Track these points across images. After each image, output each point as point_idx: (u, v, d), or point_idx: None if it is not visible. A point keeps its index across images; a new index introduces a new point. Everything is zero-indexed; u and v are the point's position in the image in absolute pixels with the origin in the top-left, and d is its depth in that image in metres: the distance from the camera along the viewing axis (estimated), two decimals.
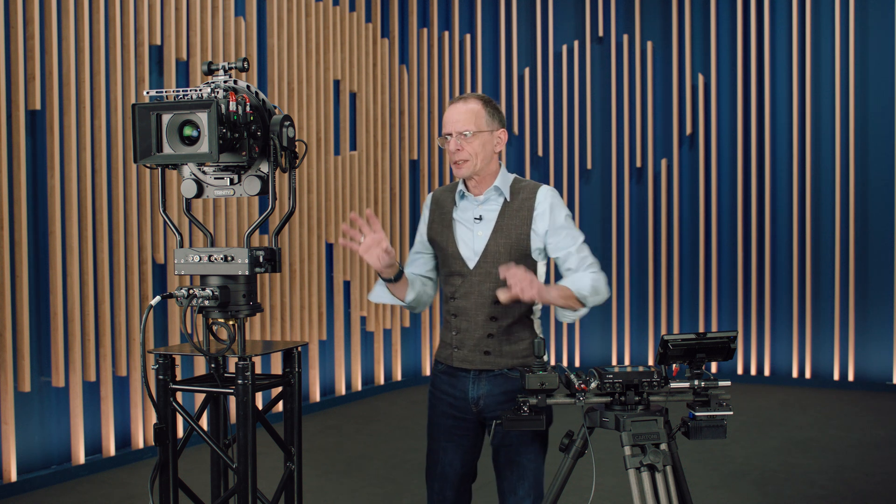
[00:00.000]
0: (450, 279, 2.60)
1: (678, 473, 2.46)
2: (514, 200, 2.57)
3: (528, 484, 2.60)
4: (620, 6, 8.34)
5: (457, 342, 2.58)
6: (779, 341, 7.72)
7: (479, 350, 2.55)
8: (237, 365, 2.39)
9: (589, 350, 8.39)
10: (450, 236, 2.59)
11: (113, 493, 4.60)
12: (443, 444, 2.64)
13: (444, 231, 2.61)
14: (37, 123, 4.80)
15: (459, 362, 2.58)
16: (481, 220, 2.57)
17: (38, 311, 4.81)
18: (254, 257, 2.39)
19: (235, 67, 2.39)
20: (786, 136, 7.68)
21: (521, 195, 2.58)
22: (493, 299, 2.52)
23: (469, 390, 2.59)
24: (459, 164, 2.54)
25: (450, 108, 2.59)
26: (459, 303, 2.57)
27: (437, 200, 2.68)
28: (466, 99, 2.59)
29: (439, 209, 2.65)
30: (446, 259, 2.60)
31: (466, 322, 2.56)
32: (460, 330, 2.58)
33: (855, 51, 7.37)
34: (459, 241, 2.58)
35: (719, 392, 2.46)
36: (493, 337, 2.55)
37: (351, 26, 7.00)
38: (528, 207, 2.56)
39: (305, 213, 6.50)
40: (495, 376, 2.57)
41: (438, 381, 2.66)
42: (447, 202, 2.65)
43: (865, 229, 7.37)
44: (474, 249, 2.56)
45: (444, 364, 2.64)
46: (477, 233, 2.57)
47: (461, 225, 2.60)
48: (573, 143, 8.37)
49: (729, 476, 4.75)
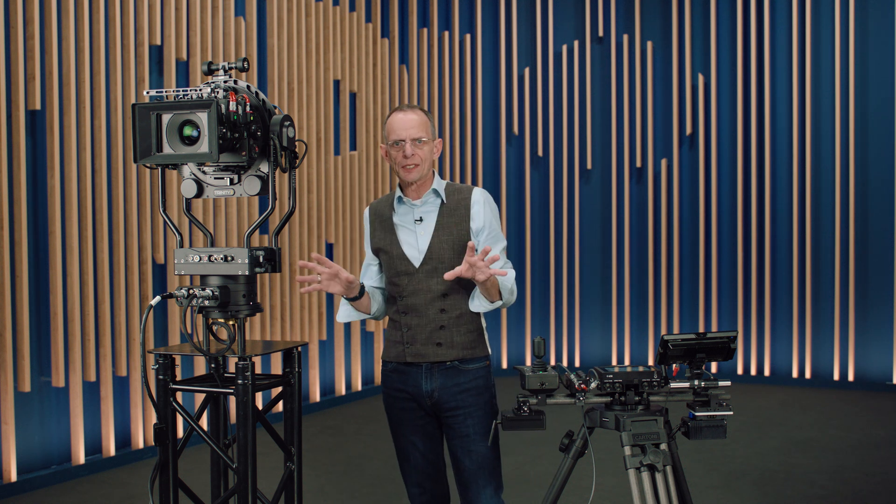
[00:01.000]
0: (396, 280, 2.70)
1: (678, 473, 2.46)
2: (450, 201, 2.71)
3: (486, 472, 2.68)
4: (620, 6, 8.34)
5: (408, 338, 2.68)
6: (779, 341, 7.72)
7: (431, 342, 2.65)
8: (237, 365, 2.39)
9: (589, 350, 8.39)
10: (393, 240, 2.72)
11: (113, 493, 4.60)
12: (409, 437, 2.73)
13: (386, 236, 2.73)
14: (37, 123, 4.80)
15: (412, 357, 2.67)
16: (422, 222, 2.71)
17: (38, 311, 4.81)
18: (254, 257, 2.39)
19: (235, 67, 2.39)
20: (786, 136, 7.68)
21: (456, 196, 2.73)
22: (440, 293, 2.65)
23: (422, 384, 2.67)
24: (410, 169, 2.66)
25: (399, 117, 2.68)
26: (408, 300, 2.67)
27: (375, 211, 2.81)
28: (414, 109, 2.70)
29: (379, 218, 2.78)
30: (392, 262, 2.71)
31: (417, 318, 2.66)
32: (411, 326, 2.67)
33: (855, 51, 7.37)
34: (403, 242, 2.71)
35: (719, 392, 2.46)
36: (444, 328, 2.65)
37: (351, 26, 7.00)
38: (465, 206, 2.70)
39: (305, 213, 6.50)
40: (447, 369, 2.66)
41: (390, 381, 2.76)
42: (385, 210, 2.77)
43: (865, 229, 7.37)
44: (418, 248, 2.68)
45: (394, 362, 2.73)
46: (419, 233, 2.70)
47: (403, 228, 2.72)
48: (573, 143, 8.37)
49: (729, 476, 4.75)
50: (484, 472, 2.67)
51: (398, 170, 2.68)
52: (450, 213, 2.69)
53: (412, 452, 2.74)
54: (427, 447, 2.73)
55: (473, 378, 2.66)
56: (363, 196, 7.11)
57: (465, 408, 2.64)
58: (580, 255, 8.37)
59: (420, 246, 2.68)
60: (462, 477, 2.69)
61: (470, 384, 2.66)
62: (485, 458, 2.67)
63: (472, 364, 2.67)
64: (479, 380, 2.67)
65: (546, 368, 2.40)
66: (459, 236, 2.67)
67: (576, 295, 8.35)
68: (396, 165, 2.68)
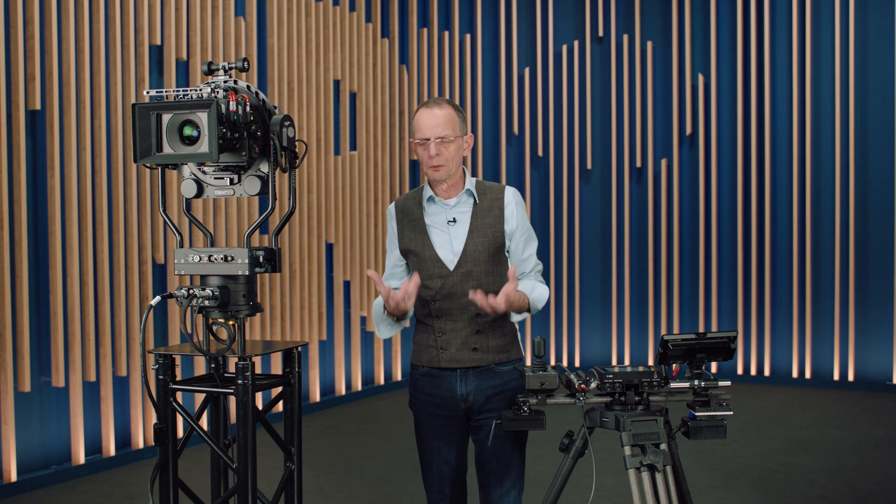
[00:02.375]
0: (428, 282, 2.61)
1: (678, 473, 2.46)
2: (483, 201, 2.64)
3: (513, 475, 2.65)
4: (620, 6, 8.34)
5: (442, 343, 2.61)
6: (779, 341, 7.71)
7: (467, 348, 2.59)
8: (237, 365, 2.39)
9: (589, 350, 8.39)
10: (426, 241, 2.63)
11: (113, 493, 4.60)
12: (435, 444, 2.67)
13: (418, 237, 2.64)
14: (37, 123, 4.80)
15: (447, 362, 2.61)
16: (455, 223, 2.63)
17: (38, 311, 4.81)
18: (254, 257, 2.39)
19: (235, 67, 2.39)
20: (786, 136, 7.68)
21: (489, 196, 2.66)
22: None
23: (457, 388, 2.62)
24: (438, 168, 2.57)
25: (425, 113, 2.59)
26: (442, 304, 2.60)
27: (402, 210, 2.71)
28: (440, 104, 2.60)
29: (407, 217, 2.68)
30: (423, 263, 2.62)
31: (452, 322, 2.60)
32: (445, 331, 2.61)
33: (855, 51, 7.36)
34: (436, 244, 2.62)
35: (719, 392, 2.46)
36: (481, 333, 2.60)
37: (351, 26, 7.00)
38: (499, 207, 2.64)
39: (305, 213, 6.50)
40: (482, 371, 2.61)
41: (421, 385, 2.68)
42: (414, 209, 2.68)
43: (865, 229, 7.37)
44: (453, 251, 2.61)
45: (427, 367, 2.65)
46: (453, 234, 2.62)
47: (435, 229, 2.64)
48: (573, 143, 8.37)
49: (729, 476, 4.75)
50: (510, 475, 2.65)
51: (425, 169, 2.60)
52: (483, 214, 2.62)
53: (436, 458, 2.68)
54: (452, 454, 2.67)
55: (508, 380, 2.63)
56: (363, 196, 7.10)
57: (499, 410, 2.59)
58: (580, 255, 8.37)
59: (455, 248, 2.61)
60: (487, 479, 2.66)
61: (505, 386, 2.63)
62: (512, 461, 2.64)
63: (506, 366, 2.64)
64: (513, 381, 2.63)
65: (546, 368, 2.40)
66: (494, 238, 2.62)
67: (576, 295, 8.35)
68: (423, 164, 2.61)
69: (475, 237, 2.60)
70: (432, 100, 2.64)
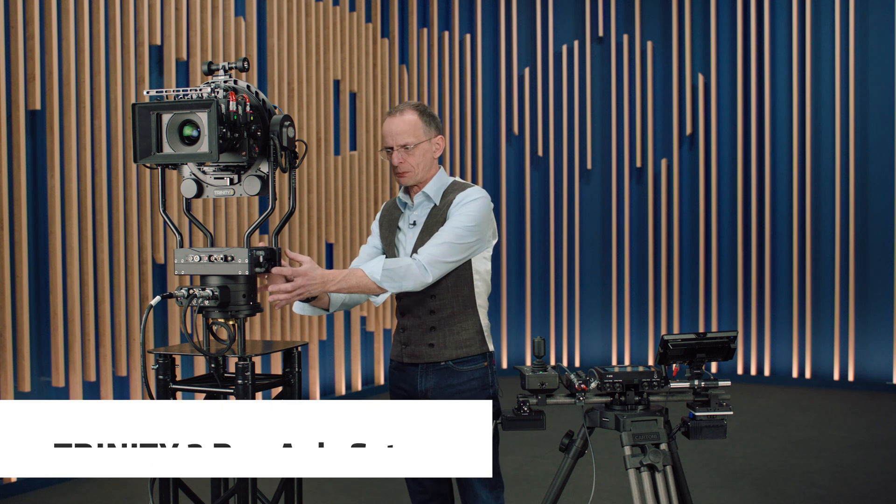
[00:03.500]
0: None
1: (678, 473, 2.46)
2: (442, 204, 2.68)
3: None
4: (620, 6, 8.34)
5: (404, 339, 2.71)
6: (779, 341, 7.71)
7: (423, 343, 2.66)
8: (237, 365, 2.39)
9: (589, 350, 8.39)
10: (391, 241, 2.75)
11: (113, 493, 4.60)
12: None
13: (387, 236, 2.77)
14: (37, 123, 4.80)
15: (408, 357, 2.70)
16: (415, 225, 2.71)
17: (38, 311, 4.81)
18: (254, 257, 2.39)
19: (235, 67, 2.39)
20: (786, 136, 7.68)
21: (449, 198, 2.67)
22: (429, 294, 2.64)
23: (418, 383, 2.70)
24: (403, 175, 2.65)
25: (388, 121, 2.65)
26: (403, 301, 2.71)
27: (387, 209, 2.83)
28: (402, 111, 2.64)
29: (388, 217, 2.80)
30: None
31: (411, 318, 2.69)
32: (406, 327, 2.71)
33: (855, 51, 7.36)
34: (398, 244, 2.74)
35: (719, 392, 2.46)
36: (435, 329, 2.65)
37: (351, 26, 7.00)
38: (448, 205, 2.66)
39: (305, 213, 6.50)
40: (441, 369, 2.66)
41: (393, 378, 2.79)
42: (394, 209, 2.80)
43: (865, 229, 7.37)
44: (406, 251, 2.70)
45: (396, 361, 2.76)
46: (409, 236, 2.70)
47: (401, 230, 2.75)
48: (573, 143, 8.37)
49: (729, 476, 4.75)
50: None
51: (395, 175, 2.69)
52: (436, 215, 2.68)
53: None
54: None
55: (469, 379, 2.65)
56: (363, 196, 7.10)
57: None
58: (580, 255, 8.37)
59: (408, 248, 2.70)
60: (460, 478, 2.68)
61: (464, 386, 2.65)
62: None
63: (467, 365, 2.65)
64: (474, 381, 2.65)
65: (546, 368, 2.41)
66: None
67: (576, 295, 8.35)
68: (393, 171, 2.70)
69: (424, 238, 2.65)
70: (397, 106, 2.68)
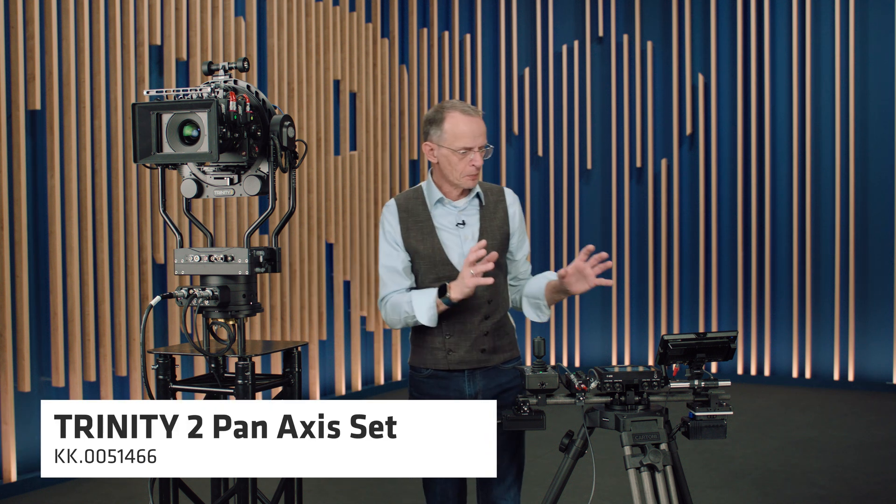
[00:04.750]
0: (436, 285, 2.57)
1: (678, 473, 2.46)
2: (487, 203, 2.65)
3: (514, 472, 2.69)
4: (620, 6, 8.34)
5: (450, 345, 2.59)
6: (779, 341, 7.71)
7: (476, 349, 2.60)
8: (237, 365, 2.39)
9: (589, 350, 8.38)
10: (435, 243, 2.60)
11: (113, 493, 4.60)
12: None
13: (426, 239, 2.60)
14: (37, 123, 4.80)
15: (455, 364, 2.60)
16: (465, 225, 2.62)
17: (38, 311, 4.81)
18: (254, 257, 2.39)
19: (235, 67, 2.39)
20: (786, 136, 7.68)
21: (491, 197, 2.67)
22: (486, 299, 2.59)
23: (465, 388, 2.62)
24: (474, 177, 2.57)
25: (469, 122, 2.53)
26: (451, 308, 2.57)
27: (406, 209, 2.63)
28: (477, 111, 2.58)
29: (413, 217, 2.62)
30: (433, 266, 2.60)
31: (461, 324, 2.59)
32: (454, 333, 2.59)
33: (855, 51, 7.36)
34: (446, 246, 2.60)
35: (719, 392, 2.46)
36: (489, 335, 2.61)
37: (351, 26, 7.00)
38: (503, 209, 2.67)
39: (305, 213, 6.50)
40: (488, 371, 2.63)
41: (425, 387, 2.64)
42: (419, 210, 2.62)
43: (865, 229, 7.37)
44: (463, 253, 2.59)
45: (431, 369, 2.63)
46: (463, 237, 2.60)
47: (444, 231, 2.61)
48: (573, 143, 8.37)
49: (729, 476, 4.75)
50: (513, 471, 2.68)
51: (458, 177, 2.55)
52: (490, 215, 2.62)
53: None
54: None
55: (513, 377, 2.66)
56: (363, 196, 7.10)
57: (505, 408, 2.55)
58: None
59: (465, 251, 2.58)
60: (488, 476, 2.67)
61: (510, 383, 2.66)
62: (514, 458, 2.67)
63: (509, 364, 2.67)
64: (516, 378, 2.66)
65: (546, 368, 2.40)
66: (502, 240, 2.64)
67: (576, 295, 8.33)
68: (457, 172, 2.55)
69: (486, 239, 2.57)
70: (467, 105, 2.56)
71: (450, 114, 2.54)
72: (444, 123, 2.54)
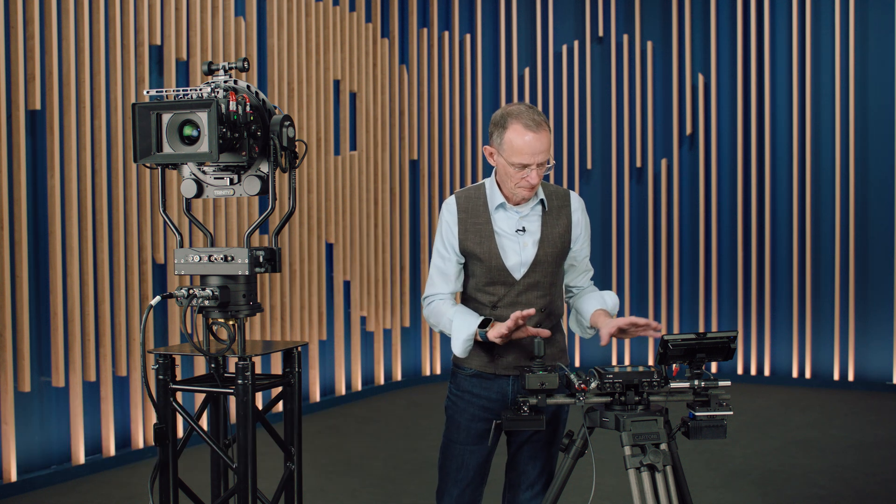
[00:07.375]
0: (490, 289, 2.57)
1: (678, 473, 2.46)
2: (551, 208, 2.59)
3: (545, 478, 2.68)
4: (620, 6, 8.34)
5: (500, 350, 2.58)
6: (779, 341, 7.71)
7: (525, 356, 2.58)
8: (237, 365, 2.39)
9: (589, 350, 8.39)
10: (492, 248, 2.55)
11: (113, 493, 4.60)
12: (470, 447, 2.64)
13: (484, 242, 2.55)
14: (37, 123, 4.80)
15: (503, 369, 2.60)
16: (525, 232, 2.56)
17: (38, 311, 4.81)
18: (254, 257, 2.39)
19: (235, 67, 2.39)
20: (786, 136, 7.68)
21: (555, 202, 2.60)
22: (540, 307, 2.57)
23: (509, 391, 2.62)
24: (530, 190, 2.50)
25: (531, 138, 2.42)
26: (503, 312, 2.56)
27: (466, 210, 2.59)
28: (541, 125, 2.44)
29: (472, 218, 2.58)
30: (488, 271, 2.56)
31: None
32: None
33: (855, 51, 7.36)
34: (505, 252, 2.55)
35: (719, 392, 2.46)
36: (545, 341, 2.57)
37: (351, 26, 7.00)
38: (566, 215, 2.60)
39: (305, 213, 6.50)
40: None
41: (468, 384, 2.63)
42: (480, 211, 2.58)
43: (865, 229, 7.37)
44: (522, 261, 2.55)
45: (478, 370, 2.61)
46: (522, 244, 2.55)
47: (503, 236, 2.56)
48: (573, 143, 8.37)
49: (729, 476, 4.75)
50: (543, 479, 2.67)
51: (514, 188, 2.50)
52: (553, 222, 2.57)
53: (468, 461, 2.64)
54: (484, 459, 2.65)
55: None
56: (363, 196, 7.10)
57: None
58: None
59: (524, 258, 2.55)
60: (518, 479, 2.66)
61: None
62: (548, 465, 2.67)
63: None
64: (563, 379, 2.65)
65: (546, 368, 2.40)
66: (563, 248, 2.59)
67: None
68: (511, 184, 2.49)
69: (545, 247, 2.56)
70: (532, 116, 2.43)
71: (512, 124, 2.45)
72: (505, 133, 2.46)
